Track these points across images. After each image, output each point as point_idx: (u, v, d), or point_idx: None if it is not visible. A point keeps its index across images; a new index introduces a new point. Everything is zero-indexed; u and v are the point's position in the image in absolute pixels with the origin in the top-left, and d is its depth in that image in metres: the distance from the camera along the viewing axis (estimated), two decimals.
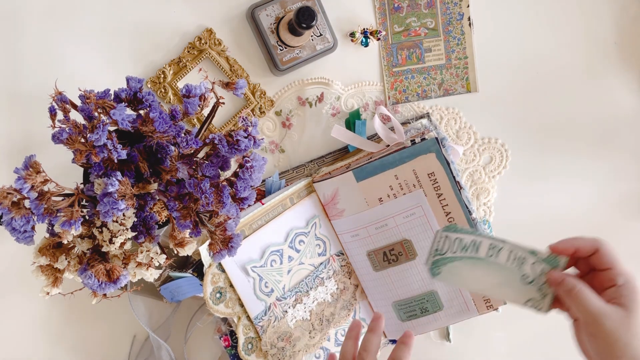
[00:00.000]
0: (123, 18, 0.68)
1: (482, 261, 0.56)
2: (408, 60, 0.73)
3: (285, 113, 0.71)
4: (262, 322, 0.65)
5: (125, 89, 0.49)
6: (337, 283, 0.70)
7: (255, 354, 0.65)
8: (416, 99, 0.73)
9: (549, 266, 0.53)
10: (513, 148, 0.74)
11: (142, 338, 0.71)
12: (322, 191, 0.68)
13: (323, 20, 0.69)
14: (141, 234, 0.49)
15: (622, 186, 0.76)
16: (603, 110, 0.75)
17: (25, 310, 0.69)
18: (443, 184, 0.65)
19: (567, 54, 0.74)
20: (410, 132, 0.68)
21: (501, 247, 0.55)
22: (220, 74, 0.69)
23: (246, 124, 0.49)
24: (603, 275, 0.51)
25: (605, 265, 0.51)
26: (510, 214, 0.75)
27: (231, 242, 0.49)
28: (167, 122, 0.47)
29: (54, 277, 0.49)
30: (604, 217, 0.76)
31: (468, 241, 0.56)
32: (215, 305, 0.62)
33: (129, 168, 0.49)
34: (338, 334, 0.71)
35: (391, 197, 0.67)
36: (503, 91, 0.74)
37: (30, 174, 0.44)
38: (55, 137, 0.45)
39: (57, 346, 0.70)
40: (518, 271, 0.55)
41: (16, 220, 0.44)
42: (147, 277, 0.50)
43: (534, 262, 0.54)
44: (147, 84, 0.68)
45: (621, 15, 0.74)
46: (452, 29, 0.73)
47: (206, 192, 0.46)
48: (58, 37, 0.68)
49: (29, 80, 0.68)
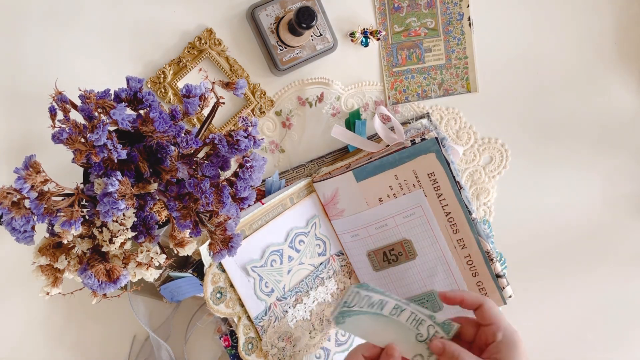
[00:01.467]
0: (123, 18, 0.68)
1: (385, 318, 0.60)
2: (408, 60, 0.73)
3: (285, 113, 0.71)
4: (262, 322, 0.65)
5: (125, 89, 0.49)
6: (337, 283, 0.70)
7: (255, 354, 0.65)
8: (416, 99, 0.73)
9: (443, 331, 0.58)
10: (513, 148, 0.74)
11: (142, 338, 0.71)
12: (322, 191, 0.68)
13: (323, 20, 0.69)
14: (141, 234, 0.49)
15: (622, 186, 0.76)
16: (603, 110, 0.75)
17: (25, 310, 0.69)
18: (443, 184, 0.65)
19: (567, 54, 0.74)
20: (410, 132, 0.68)
21: (404, 308, 0.59)
22: (220, 74, 0.69)
23: (246, 124, 0.49)
24: (487, 330, 0.54)
25: (487, 320, 0.54)
26: (510, 214, 0.75)
27: (231, 242, 0.49)
28: (167, 122, 0.47)
29: (54, 277, 0.49)
30: (603, 217, 0.76)
31: (376, 299, 0.60)
32: (215, 306, 0.62)
33: (129, 168, 0.49)
34: (338, 334, 0.71)
35: (391, 197, 0.67)
36: (503, 91, 0.74)
37: (30, 174, 0.44)
38: (55, 137, 0.45)
39: (57, 346, 0.70)
40: (415, 330, 0.59)
41: (16, 220, 0.44)
42: (147, 277, 0.50)
43: (430, 324, 0.58)
44: (147, 84, 0.68)
45: (621, 15, 0.74)
46: (452, 29, 0.73)
47: (206, 192, 0.46)
48: (58, 37, 0.68)
49: (29, 80, 0.68)
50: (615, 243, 0.77)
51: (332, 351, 0.70)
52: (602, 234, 0.76)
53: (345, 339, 0.70)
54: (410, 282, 0.69)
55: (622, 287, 0.77)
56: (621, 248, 0.77)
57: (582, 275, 0.76)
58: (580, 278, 0.76)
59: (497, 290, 0.68)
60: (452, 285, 0.68)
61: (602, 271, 0.77)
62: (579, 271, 0.76)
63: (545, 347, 0.76)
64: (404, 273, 0.68)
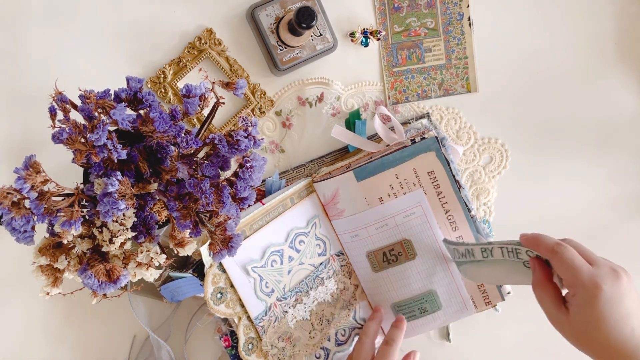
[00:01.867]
0: (123, 18, 0.68)
1: (483, 262, 0.61)
2: (408, 60, 0.73)
3: (285, 113, 0.71)
4: (262, 323, 0.65)
5: (125, 89, 0.49)
6: (337, 283, 0.70)
7: (255, 354, 0.65)
8: (416, 99, 0.73)
9: None
10: (513, 148, 0.74)
11: (142, 338, 0.71)
12: (322, 191, 0.68)
13: (323, 20, 0.69)
14: (141, 234, 0.49)
15: (622, 186, 0.76)
16: (603, 110, 0.75)
17: (25, 310, 0.69)
18: (443, 182, 0.65)
19: (567, 54, 0.74)
20: (410, 132, 0.68)
21: (491, 247, 0.59)
22: (220, 74, 0.69)
23: (246, 124, 0.49)
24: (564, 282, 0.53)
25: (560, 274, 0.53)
26: (510, 214, 0.75)
27: (231, 242, 0.49)
28: (167, 122, 0.47)
29: (54, 277, 0.49)
30: (604, 217, 0.76)
31: (462, 250, 0.63)
32: (216, 306, 0.62)
33: (129, 168, 0.49)
34: (338, 334, 0.71)
35: (391, 197, 0.67)
36: (503, 91, 0.74)
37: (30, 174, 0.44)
38: (55, 137, 0.45)
39: (57, 346, 0.70)
40: (518, 260, 0.58)
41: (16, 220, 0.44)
42: (147, 277, 0.50)
43: (527, 250, 0.56)
44: (147, 84, 0.68)
45: (621, 15, 0.74)
46: (452, 29, 0.73)
47: (206, 192, 0.46)
48: (58, 37, 0.68)
49: (29, 80, 0.68)
50: (616, 243, 0.77)
51: (332, 351, 0.70)
52: (602, 234, 0.76)
53: (345, 339, 0.70)
54: (410, 283, 0.69)
55: None
56: (621, 248, 0.77)
57: None
58: None
59: (495, 287, 0.68)
60: (451, 284, 0.68)
61: None
62: None
63: (545, 347, 0.76)
64: (403, 273, 0.68)
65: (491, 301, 0.69)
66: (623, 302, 0.49)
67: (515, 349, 0.76)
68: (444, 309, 0.69)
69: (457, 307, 0.69)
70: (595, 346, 0.51)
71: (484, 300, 0.69)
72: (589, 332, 0.50)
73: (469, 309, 0.69)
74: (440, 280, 0.68)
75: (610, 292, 0.49)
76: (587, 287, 0.50)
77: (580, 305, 0.50)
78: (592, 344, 0.51)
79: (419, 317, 0.69)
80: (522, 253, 0.57)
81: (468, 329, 0.75)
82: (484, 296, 0.68)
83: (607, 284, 0.50)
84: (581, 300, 0.50)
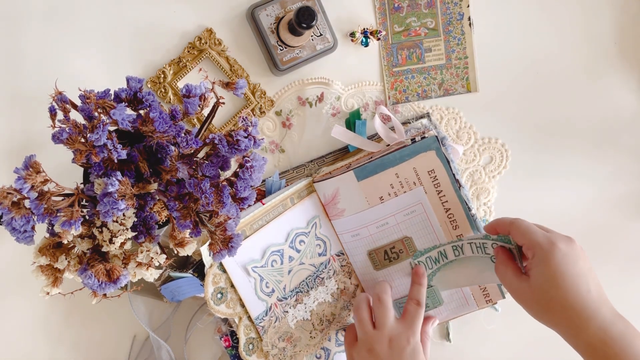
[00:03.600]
0: (123, 18, 0.68)
1: (456, 262, 0.65)
2: (408, 60, 0.73)
3: (285, 113, 0.71)
4: (263, 323, 0.65)
5: (125, 89, 0.49)
6: (337, 283, 0.70)
7: (256, 355, 0.65)
8: (416, 99, 0.73)
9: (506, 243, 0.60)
10: (513, 148, 0.74)
11: (142, 338, 0.71)
12: (323, 191, 0.68)
13: (323, 20, 0.69)
14: (141, 234, 0.49)
15: (622, 186, 0.76)
16: (603, 110, 0.75)
17: (25, 310, 0.69)
18: (443, 181, 0.65)
19: (567, 54, 0.74)
20: (410, 132, 0.68)
21: (462, 244, 0.63)
22: (220, 74, 0.69)
23: (246, 124, 0.49)
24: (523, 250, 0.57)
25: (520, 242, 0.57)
26: (510, 214, 0.74)
27: (231, 242, 0.49)
28: (167, 122, 0.47)
29: (54, 277, 0.49)
30: (604, 217, 0.76)
31: (435, 254, 0.65)
32: (216, 306, 0.62)
33: (129, 168, 0.49)
34: (339, 334, 0.71)
35: (392, 196, 0.67)
36: (503, 91, 0.74)
37: (30, 174, 0.44)
38: (55, 137, 0.45)
39: (57, 346, 0.70)
40: (486, 255, 0.62)
41: (16, 220, 0.44)
42: (147, 277, 0.50)
43: (493, 243, 0.61)
44: (147, 84, 0.68)
45: (621, 15, 0.74)
46: (452, 29, 0.73)
47: (206, 192, 0.46)
48: (58, 37, 0.68)
49: (29, 80, 0.68)
50: (615, 243, 0.77)
51: (333, 351, 0.70)
52: (602, 234, 0.76)
53: None
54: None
55: (622, 287, 0.77)
56: (621, 248, 0.77)
57: None
58: None
59: (495, 285, 0.68)
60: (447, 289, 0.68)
61: (602, 271, 0.76)
62: None
63: (545, 347, 0.76)
64: (404, 270, 0.69)
65: (492, 299, 0.69)
66: (577, 262, 0.54)
67: (515, 349, 0.76)
68: (445, 304, 0.69)
69: (459, 303, 0.69)
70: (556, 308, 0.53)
71: (484, 298, 0.69)
72: (549, 290, 0.53)
73: (470, 305, 0.69)
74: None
75: (565, 250, 0.54)
76: (543, 245, 0.54)
77: (538, 264, 0.54)
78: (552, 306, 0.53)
79: None
80: (488, 247, 0.61)
81: (468, 329, 0.75)
82: (484, 294, 0.68)
83: (562, 243, 0.54)
84: (539, 259, 0.54)
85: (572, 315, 0.52)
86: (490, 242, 0.61)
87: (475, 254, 0.63)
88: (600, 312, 0.52)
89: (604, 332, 0.51)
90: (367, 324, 0.62)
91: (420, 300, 0.63)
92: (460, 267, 0.65)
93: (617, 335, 0.51)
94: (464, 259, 0.64)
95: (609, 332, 0.51)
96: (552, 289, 0.53)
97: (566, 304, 0.53)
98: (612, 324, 0.52)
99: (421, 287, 0.65)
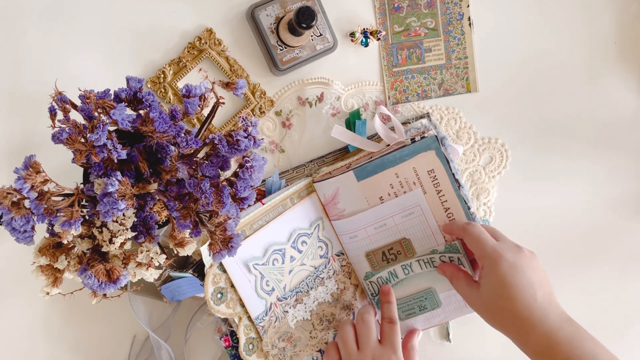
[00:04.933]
0: (123, 18, 0.68)
1: (406, 280, 0.68)
2: (408, 60, 0.73)
3: (285, 113, 0.71)
4: (263, 323, 0.65)
5: (125, 89, 0.49)
6: (337, 283, 0.70)
7: (256, 355, 0.65)
8: (416, 99, 0.73)
9: (453, 253, 0.65)
10: (513, 148, 0.74)
11: (142, 338, 0.71)
12: (323, 191, 0.68)
13: (323, 20, 0.69)
14: (141, 234, 0.49)
15: (622, 186, 0.76)
16: (603, 110, 0.75)
17: (25, 310, 0.69)
18: (443, 181, 0.65)
19: (567, 54, 0.74)
20: (410, 132, 0.68)
21: (410, 262, 0.67)
22: (220, 74, 0.69)
23: (246, 124, 0.49)
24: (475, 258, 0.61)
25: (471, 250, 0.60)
26: (510, 214, 0.75)
27: (231, 242, 0.49)
28: (167, 122, 0.47)
29: (54, 277, 0.49)
30: (604, 216, 0.76)
31: (385, 275, 0.68)
32: (216, 306, 0.62)
33: (129, 168, 0.49)
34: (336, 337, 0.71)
35: (392, 196, 0.67)
36: (503, 91, 0.74)
37: (30, 174, 0.44)
38: (55, 137, 0.45)
39: (57, 346, 0.70)
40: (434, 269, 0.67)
41: (16, 220, 0.44)
42: (147, 277, 0.50)
43: (440, 256, 0.65)
44: (147, 84, 0.68)
45: (621, 15, 0.74)
46: (452, 29, 0.73)
47: (206, 192, 0.46)
48: (58, 37, 0.68)
49: (29, 80, 0.68)
50: (616, 243, 0.77)
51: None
52: (602, 234, 0.76)
53: None
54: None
55: (622, 287, 0.77)
56: (621, 248, 0.77)
57: (581, 275, 0.76)
58: (580, 278, 0.76)
59: None
60: None
61: (602, 271, 0.77)
62: (579, 271, 0.76)
63: None
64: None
65: None
66: (524, 272, 0.56)
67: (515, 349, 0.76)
68: (443, 306, 0.69)
69: (457, 305, 0.69)
70: (503, 315, 0.56)
71: None
72: (497, 300, 0.56)
73: (468, 307, 0.69)
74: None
75: (511, 261, 0.56)
76: (491, 256, 0.57)
77: (486, 274, 0.57)
78: (500, 313, 0.56)
79: (418, 314, 0.70)
80: (436, 261, 0.66)
81: (468, 329, 0.75)
82: None
83: (508, 254, 0.57)
84: (486, 270, 0.57)
85: (517, 323, 0.55)
86: (438, 255, 0.65)
87: (424, 270, 0.67)
88: (548, 318, 0.54)
89: (549, 338, 0.54)
90: (352, 345, 0.63)
91: (392, 317, 0.65)
92: (410, 285, 0.68)
93: (564, 339, 0.53)
94: (414, 276, 0.68)
95: (554, 337, 0.54)
96: (499, 299, 0.56)
97: (512, 313, 0.55)
98: (559, 329, 0.54)
99: (391, 304, 0.67)
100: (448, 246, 0.65)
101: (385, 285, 0.68)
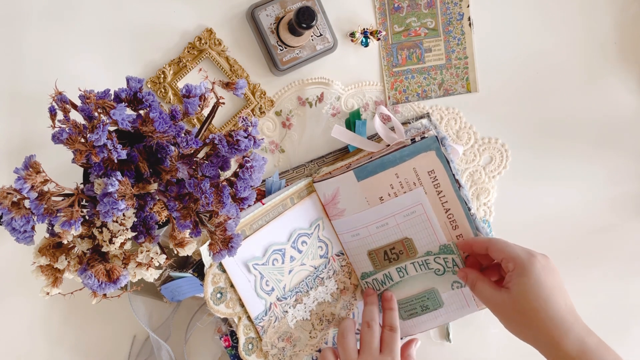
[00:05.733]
0: (123, 18, 0.68)
1: (402, 282, 0.68)
2: (408, 60, 0.73)
3: (285, 113, 0.71)
4: (262, 322, 0.65)
5: (125, 89, 0.49)
6: (337, 283, 0.70)
7: (255, 354, 0.65)
8: (416, 99, 0.73)
9: (448, 254, 0.66)
10: (513, 148, 0.74)
11: (142, 338, 0.71)
12: (323, 191, 0.68)
13: (323, 20, 0.69)
14: (141, 234, 0.49)
15: (622, 186, 0.76)
16: (603, 111, 0.75)
17: (25, 310, 0.69)
18: (443, 181, 0.65)
19: (567, 54, 0.74)
20: (410, 132, 0.68)
21: (405, 265, 0.67)
22: (220, 74, 0.69)
23: (246, 124, 0.49)
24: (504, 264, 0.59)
25: (498, 257, 0.60)
26: (510, 214, 0.75)
27: (231, 242, 0.49)
28: (167, 122, 0.47)
29: (54, 277, 0.49)
30: (603, 217, 0.76)
31: (380, 277, 0.69)
32: (216, 306, 0.62)
33: (129, 168, 0.49)
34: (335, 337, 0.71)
35: (392, 196, 0.67)
36: (503, 91, 0.74)
37: (30, 174, 0.44)
38: (55, 137, 0.45)
39: (57, 346, 0.70)
40: (429, 270, 0.67)
41: (16, 220, 0.44)
42: (147, 277, 0.50)
43: (435, 258, 0.66)
44: (147, 84, 0.68)
45: (621, 15, 0.75)
46: (452, 29, 0.73)
47: (206, 192, 0.46)
48: (58, 37, 0.68)
49: (29, 80, 0.68)
50: (616, 243, 0.77)
51: None
52: (602, 234, 0.76)
53: None
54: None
55: (622, 287, 0.77)
56: (621, 248, 0.77)
57: (582, 275, 0.76)
58: (580, 278, 0.76)
59: None
60: None
61: (602, 271, 0.77)
62: (579, 271, 0.76)
63: None
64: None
65: None
66: (554, 274, 0.56)
67: (515, 349, 0.76)
68: (445, 306, 0.69)
69: (459, 305, 0.69)
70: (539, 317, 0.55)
71: None
72: (530, 301, 0.55)
73: (470, 307, 0.69)
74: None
75: (543, 262, 0.57)
76: (523, 257, 0.57)
77: (519, 275, 0.56)
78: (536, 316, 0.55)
79: (420, 315, 0.69)
80: (431, 263, 0.66)
81: (468, 329, 0.75)
82: None
83: (540, 256, 0.57)
84: (519, 271, 0.56)
85: (551, 326, 0.54)
86: (433, 257, 0.65)
87: (419, 272, 0.67)
88: (577, 324, 0.54)
89: (582, 344, 0.53)
90: (353, 352, 0.63)
91: (393, 325, 0.65)
92: (406, 287, 0.68)
93: (594, 346, 0.53)
94: (409, 278, 0.68)
95: (586, 343, 0.53)
96: (533, 300, 0.55)
97: (547, 314, 0.54)
98: (588, 336, 0.54)
99: (392, 311, 0.67)
100: (442, 247, 0.66)
101: (388, 292, 0.68)
